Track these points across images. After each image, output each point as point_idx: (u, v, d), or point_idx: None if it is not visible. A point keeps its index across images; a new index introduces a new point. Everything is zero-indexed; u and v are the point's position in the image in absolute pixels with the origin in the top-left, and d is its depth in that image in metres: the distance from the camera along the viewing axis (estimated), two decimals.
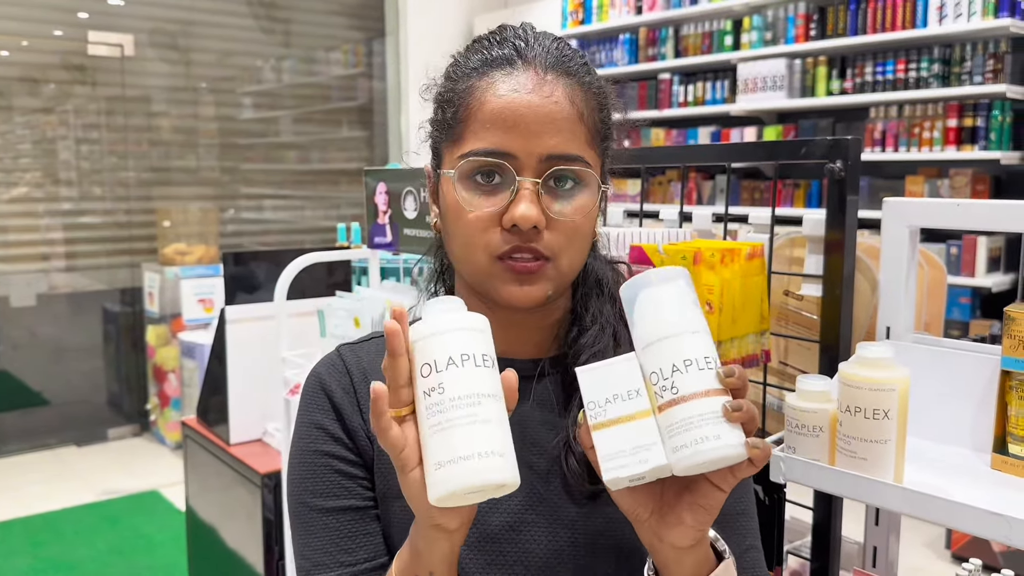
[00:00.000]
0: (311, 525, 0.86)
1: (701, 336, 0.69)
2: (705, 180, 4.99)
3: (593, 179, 0.83)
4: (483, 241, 0.81)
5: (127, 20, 4.94)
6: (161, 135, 5.12)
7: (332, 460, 0.87)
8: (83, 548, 3.44)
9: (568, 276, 0.85)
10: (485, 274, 0.82)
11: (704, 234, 1.46)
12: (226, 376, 2.29)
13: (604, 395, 0.70)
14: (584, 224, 0.83)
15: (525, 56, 0.83)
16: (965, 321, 3.83)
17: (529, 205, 0.79)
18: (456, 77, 0.86)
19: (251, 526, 2.19)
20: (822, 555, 1.25)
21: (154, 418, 4.83)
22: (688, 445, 0.66)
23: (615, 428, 0.69)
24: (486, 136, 0.80)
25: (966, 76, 3.86)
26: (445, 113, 0.87)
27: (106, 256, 4.98)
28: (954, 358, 1.14)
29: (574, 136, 0.81)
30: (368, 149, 5.96)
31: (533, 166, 0.80)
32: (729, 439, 0.66)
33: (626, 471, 0.68)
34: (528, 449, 0.87)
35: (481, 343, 0.68)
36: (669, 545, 0.72)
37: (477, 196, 0.81)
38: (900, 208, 1.19)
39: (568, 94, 0.82)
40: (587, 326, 0.89)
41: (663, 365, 0.68)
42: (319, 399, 0.90)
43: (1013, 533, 0.85)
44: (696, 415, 0.66)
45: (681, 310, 0.70)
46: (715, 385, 0.67)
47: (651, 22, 5.08)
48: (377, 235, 2.02)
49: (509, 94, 0.81)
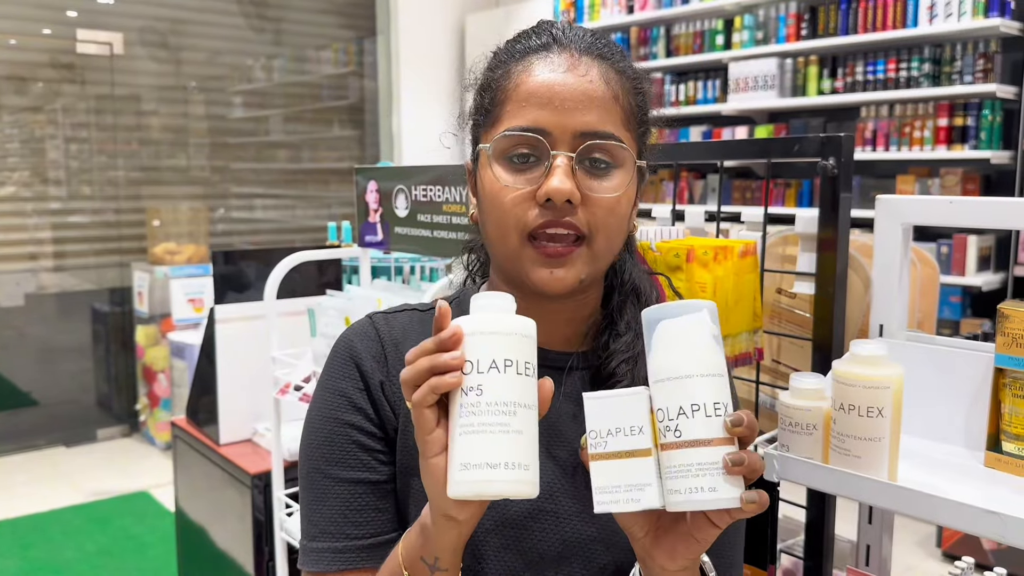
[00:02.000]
0: (323, 492, 0.86)
1: (714, 380, 0.67)
2: (696, 179, 4.99)
3: (629, 160, 0.83)
4: (516, 218, 0.81)
5: (116, 18, 4.91)
6: (151, 134, 5.09)
7: (352, 431, 0.86)
8: (72, 550, 3.42)
9: (602, 260, 0.84)
10: (516, 257, 0.82)
11: (697, 232, 1.45)
12: (215, 376, 2.27)
13: (607, 426, 0.69)
14: (620, 205, 0.83)
15: (561, 41, 0.84)
16: (956, 320, 3.84)
17: (563, 178, 0.78)
18: (494, 66, 0.88)
19: (241, 527, 2.18)
20: (815, 554, 1.24)
21: (144, 419, 4.80)
22: (682, 492, 0.66)
23: (613, 462, 0.69)
24: (521, 114, 0.81)
25: (956, 76, 3.87)
26: (483, 100, 0.88)
27: (95, 256, 4.95)
28: (948, 356, 1.14)
29: (609, 115, 0.82)
30: (359, 148, 5.94)
31: (567, 142, 0.80)
32: (724, 492, 0.65)
33: (617, 507, 0.69)
34: (553, 441, 0.87)
35: (526, 350, 0.68)
36: (659, 565, 0.73)
37: (512, 175, 0.82)
38: (893, 205, 1.19)
39: (603, 75, 0.83)
40: (621, 332, 0.89)
41: (670, 405, 0.67)
42: (347, 366, 0.89)
43: (1007, 531, 0.85)
44: (695, 463, 0.66)
45: (698, 349, 0.68)
46: (720, 434, 0.66)
47: (642, 21, 5.08)
48: (368, 234, 2.01)
49: (544, 74, 0.82)
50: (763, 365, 1.36)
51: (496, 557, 0.83)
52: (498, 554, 0.83)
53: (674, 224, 1.48)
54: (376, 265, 2.40)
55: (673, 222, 1.50)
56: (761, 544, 1.30)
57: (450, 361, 0.66)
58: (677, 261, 1.18)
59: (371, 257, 2.20)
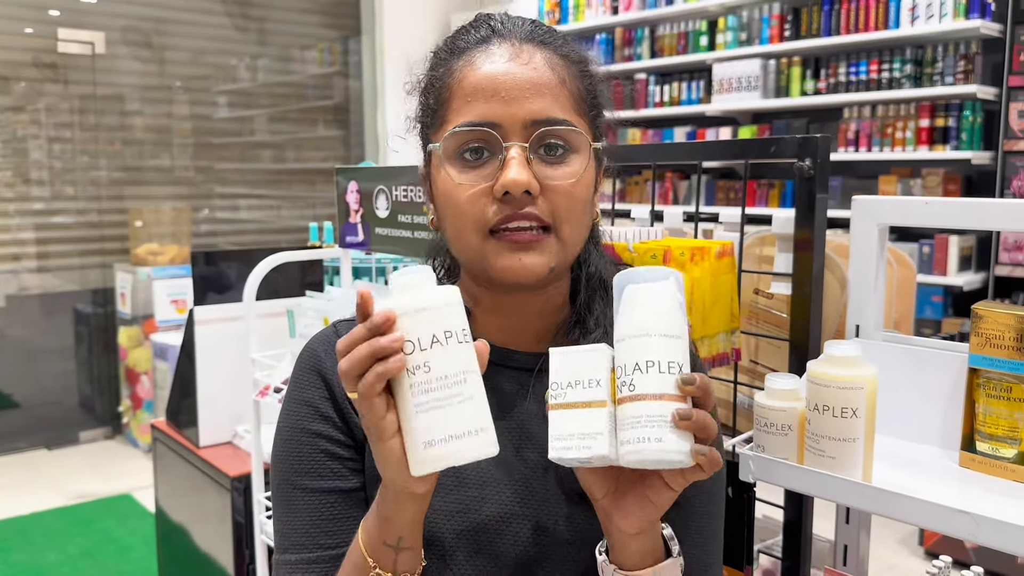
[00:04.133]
0: (294, 504, 0.85)
1: (672, 340, 0.70)
2: (681, 180, 5.00)
3: (584, 144, 0.82)
4: (474, 216, 0.79)
5: (99, 18, 4.87)
6: (134, 134, 5.06)
7: (320, 440, 0.86)
8: (53, 553, 3.39)
9: (570, 249, 0.83)
10: (480, 252, 0.80)
11: (675, 233, 1.45)
12: (195, 378, 2.26)
13: (568, 379, 0.72)
14: (580, 191, 0.81)
15: (500, 32, 0.83)
16: (937, 320, 3.86)
17: (519, 169, 0.77)
18: (435, 65, 0.86)
19: (222, 529, 2.17)
20: (793, 554, 1.25)
21: (126, 420, 4.77)
22: (631, 442, 0.68)
23: (570, 411, 0.71)
24: (468, 110, 0.80)
25: (938, 77, 3.89)
26: (428, 100, 0.87)
27: (78, 256, 4.92)
28: (923, 356, 1.15)
29: (557, 100, 0.80)
30: (344, 148, 5.92)
31: (519, 132, 0.79)
32: (670, 444, 0.67)
33: (570, 453, 0.71)
34: (524, 442, 0.87)
35: (459, 317, 0.68)
36: (615, 527, 0.75)
37: (466, 172, 0.80)
38: (869, 206, 1.19)
39: (547, 61, 0.81)
40: (590, 329, 0.88)
41: (627, 361, 0.70)
42: (311, 376, 0.88)
43: (980, 531, 0.85)
44: (644, 415, 0.68)
45: (660, 311, 0.70)
46: (671, 391, 0.68)
47: (627, 22, 5.08)
48: (349, 234, 2.01)
49: (487, 66, 0.80)
50: (741, 365, 1.36)
51: (468, 562, 0.83)
52: (470, 559, 0.83)
53: (653, 225, 1.48)
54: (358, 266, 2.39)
55: (652, 223, 1.50)
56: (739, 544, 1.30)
57: (391, 344, 0.65)
58: (654, 262, 1.18)
59: (352, 258, 2.19)
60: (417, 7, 5.69)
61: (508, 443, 0.86)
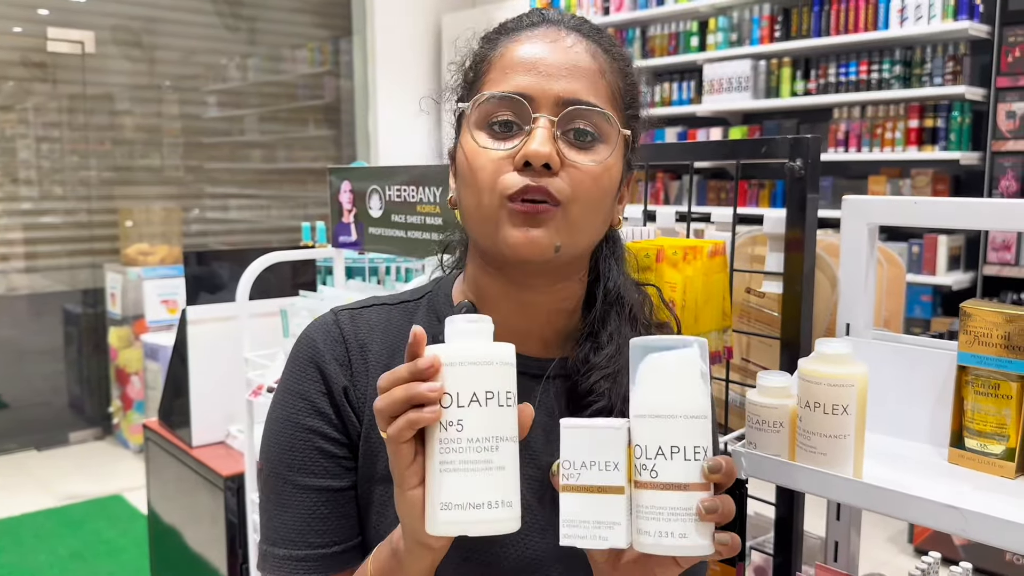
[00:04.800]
0: (284, 498, 0.84)
1: (697, 423, 0.65)
2: (672, 180, 5.02)
3: (613, 136, 0.81)
4: (493, 180, 0.78)
5: (88, 16, 4.85)
6: (124, 134, 5.04)
7: (315, 436, 0.84)
8: (44, 554, 3.37)
9: (578, 232, 0.80)
10: (493, 219, 0.78)
11: (668, 232, 1.46)
12: (188, 378, 2.26)
13: (582, 458, 0.67)
14: (601, 177, 0.80)
15: (551, 19, 0.84)
16: (927, 319, 3.89)
17: (543, 141, 0.76)
18: (482, 43, 0.87)
19: (214, 529, 2.17)
20: (785, 550, 1.26)
21: (117, 421, 4.75)
22: (651, 534, 0.64)
23: (584, 495, 0.67)
24: (504, 80, 0.80)
25: (927, 78, 3.92)
26: (467, 74, 0.86)
27: (67, 256, 4.89)
28: (912, 354, 1.16)
29: (593, 87, 0.80)
30: (335, 148, 5.92)
31: (550, 107, 0.78)
32: (693, 540, 0.64)
33: (583, 543, 0.67)
34: (521, 454, 0.85)
35: (507, 379, 0.65)
36: None
37: (493, 140, 0.80)
38: (859, 206, 1.20)
39: (589, 51, 0.82)
40: (603, 344, 0.85)
41: (649, 443, 0.65)
42: (309, 368, 0.86)
43: (969, 526, 0.86)
44: (668, 507, 0.64)
45: (684, 388, 0.66)
46: (697, 479, 0.64)
47: (618, 22, 5.10)
48: (341, 234, 2.01)
49: (530, 44, 0.81)
50: (733, 364, 1.37)
51: (457, 571, 0.82)
52: (458, 569, 0.81)
53: (645, 224, 1.49)
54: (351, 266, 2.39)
55: (644, 222, 1.51)
56: None
57: (428, 394, 0.63)
58: (647, 261, 1.19)
59: (345, 258, 2.20)
60: (408, 7, 5.69)
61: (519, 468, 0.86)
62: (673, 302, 1.16)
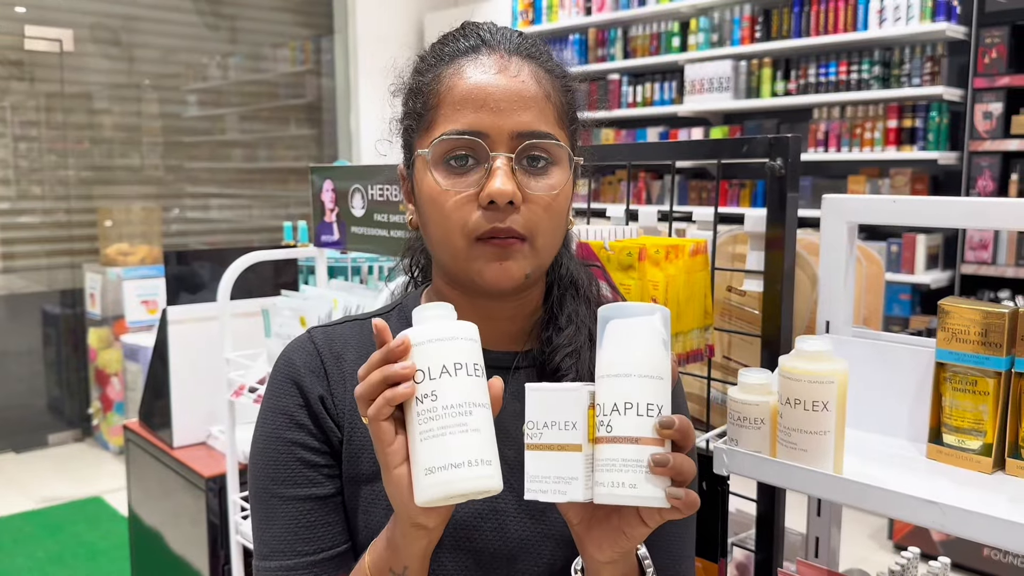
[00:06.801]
0: (272, 511, 0.86)
1: (652, 382, 0.69)
2: (654, 180, 5.04)
3: (565, 157, 0.85)
4: (460, 221, 0.81)
5: (66, 14, 4.81)
6: (103, 133, 4.99)
7: (296, 448, 0.87)
8: (22, 557, 3.34)
9: (544, 258, 0.85)
10: (464, 257, 0.82)
11: (650, 231, 1.47)
12: (169, 378, 2.24)
13: (544, 418, 0.71)
14: (559, 202, 0.84)
15: (489, 43, 0.85)
16: (905, 317, 3.92)
17: (505, 179, 0.79)
18: (423, 70, 0.88)
19: (196, 531, 2.15)
20: (766, 546, 1.27)
21: (97, 423, 4.71)
22: (605, 485, 0.68)
23: (545, 453, 0.71)
24: (457, 117, 0.82)
25: (905, 78, 3.96)
26: (415, 104, 0.88)
27: (46, 257, 4.84)
28: (891, 351, 1.17)
29: (543, 114, 0.83)
30: (317, 147, 5.89)
31: (505, 143, 0.81)
32: (643, 491, 0.67)
33: (544, 497, 0.71)
34: (500, 440, 0.87)
35: (473, 352, 0.70)
36: (588, 555, 0.75)
37: (452, 178, 0.82)
38: (838, 204, 1.21)
39: (534, 75, 0.84)
40: (562, 326, 0.90)
41: (607, 401, 0.69)
42: (286, 385, 0.89)
43: (947, 520, 0.87)
44: (620, 459, 0.68)
45: (640, 350, 0.69)
46: (649, 434, 0.68)
47: (600, 23, 5.11)
48: (324, 233, 2.00)
49: (476, 76, 0.82)
50: (714, 362, 1.38)
51: (446, 557, 0.84)
52: (448, 554, 0.84)
53: (628, 224, 1.49)
54: (333, 265, 2.38)
55: (627, 222, 1.51)
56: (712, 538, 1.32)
57: (401, 371, 0.68)
58: (629, 260, 1.20)
59: (328, 257, 2.19)
60: (390, 5, 5.68)
61: None
62: (655, 299, 1.17)
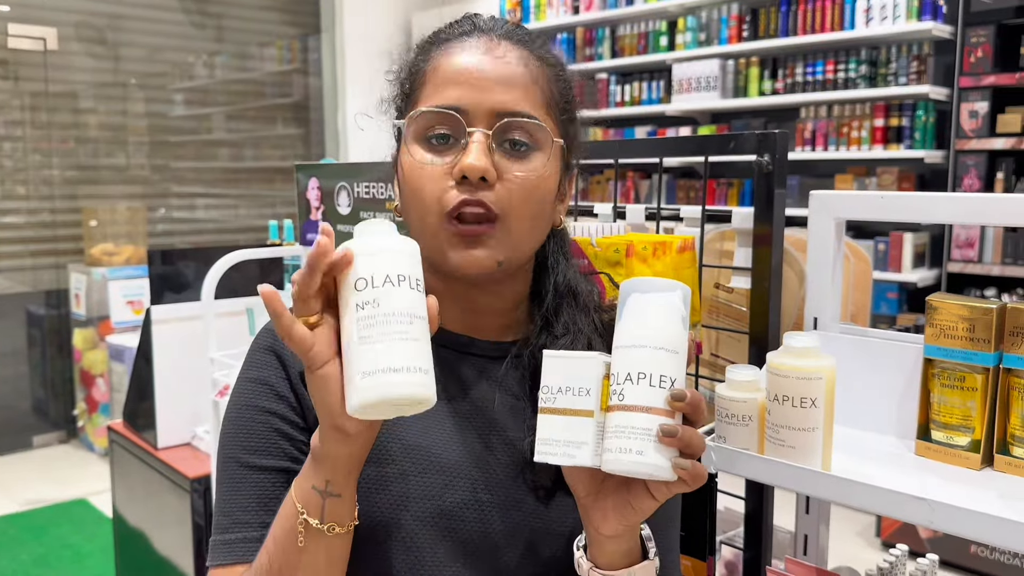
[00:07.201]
0: (239, 481, 0.84)
1: (667, 354, 0.70)
2: (642, 179, 5.04)
3: (548, 143, 0.83)
4: (433, 196, 0.80)
5: (51, 13, 4.76)
6: (88, 132, 4.95)
7: (272, 418, 0.85)
8: (6, 560, 3.31)
9: (520, 245, 0.83)
10: (432, 234, 0.81)
11: (638, 229, 1.46)
12: (153, 379, 2.22)
13: (559, 383, 0.73)
14: (537, 188, 0.82)
15: (481, 28, 0.85)
16: (893, 315, 3.94)
17: (478, 155, 0.79)
18: (416, 53, 0.88)
19: (181, 532, 2.13)
20: (755, 544, 1.26)
21: (82, 424, 4.67)
22: (612, 451, 0.69)
23: (558, 417, 0.73)
24: (438, 94, 0.82)
25: (892, 77, 3.97)
26: (403, 86, 0.88)
27: (30, 257, 4.80)
28: (879, 347, 1.17)
29: (527, 96, 0.82)
30: (304, 146, 5.87)
31: (484, 120, 0.80)
32: (649, 458, 0.68)
33: (554, 459, 0.72)
34: (490, 431, 0.88)
35: (415, 268, 0.69)
36: (594, 527, 0.75)
37: (430, 154, 0.81)
38: (826, 201, 1.21)
39: (522, 59, 0.83)
40: (558, 334, 0.88)
41: (621, 370, 0.71)
42: (267, 356, 0.88)
43: (935, 517, 0.87)
44: (629, 426, 0.69)
45: (658, 323, 0.71)
46: (660, 404, 0.69)
47: (588, 22, 5.11)
48: (310, 232, 1.99)
49: (463, 56, 0.82)
50: (702, 359, 1.38)
51: (433, 548, 0.82)
52: (435, 545, 0.83)
53: (616, 221, 1.48)
54: None
55: (615, 219, 1.51)
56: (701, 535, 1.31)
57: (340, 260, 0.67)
58: (617, 256, 1.19)
59: None
60: (377, 4, 5.66)
61: (473, 430, 0.87)
62: None
